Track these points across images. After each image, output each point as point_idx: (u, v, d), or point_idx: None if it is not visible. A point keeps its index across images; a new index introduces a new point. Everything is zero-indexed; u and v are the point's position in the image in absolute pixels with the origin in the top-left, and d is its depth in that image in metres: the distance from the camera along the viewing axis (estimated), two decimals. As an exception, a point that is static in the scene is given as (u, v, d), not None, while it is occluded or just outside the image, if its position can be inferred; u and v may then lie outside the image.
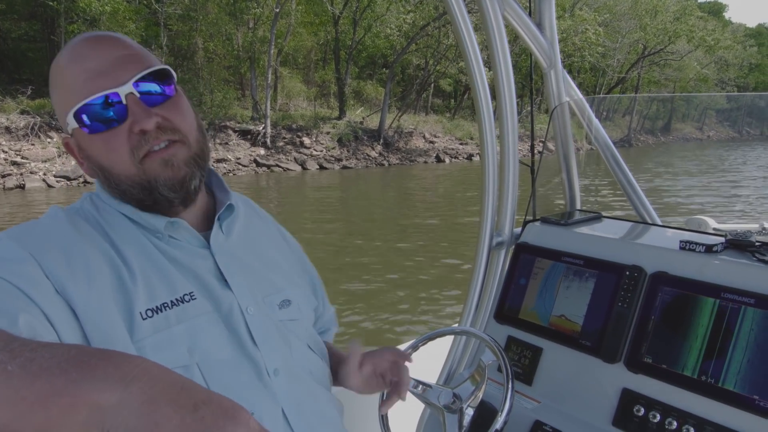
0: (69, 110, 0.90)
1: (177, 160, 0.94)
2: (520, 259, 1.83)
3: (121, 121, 0.90)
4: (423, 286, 7.89)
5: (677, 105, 48.42)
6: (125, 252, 0.92)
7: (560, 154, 2.12)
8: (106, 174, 0.94)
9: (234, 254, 1.04)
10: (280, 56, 25.88)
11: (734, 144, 27.53)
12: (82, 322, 0.81)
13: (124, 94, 0.89)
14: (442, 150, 28.10)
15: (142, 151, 0.91)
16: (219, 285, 0.98)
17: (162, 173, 0.93)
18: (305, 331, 1.14)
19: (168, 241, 0.98)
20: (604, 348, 1.52)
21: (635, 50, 41.87)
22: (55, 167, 17.63)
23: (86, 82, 0.89)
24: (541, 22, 1.90)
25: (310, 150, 23.94)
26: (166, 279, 0.93)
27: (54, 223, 0.92)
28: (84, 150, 0.95)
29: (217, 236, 1.03)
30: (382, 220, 13.41)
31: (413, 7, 26.99)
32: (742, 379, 1.28)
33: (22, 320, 0.73)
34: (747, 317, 1.32)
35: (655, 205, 2.02)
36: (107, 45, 0.93)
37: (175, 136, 0.94)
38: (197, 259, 0.98)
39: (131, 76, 0.90)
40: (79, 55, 0.91)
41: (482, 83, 1.74)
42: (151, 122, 0.90)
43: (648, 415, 1.39)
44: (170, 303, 0.91)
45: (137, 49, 0.96)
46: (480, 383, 1.36)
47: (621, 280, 1.55)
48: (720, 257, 1.46)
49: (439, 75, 31.49)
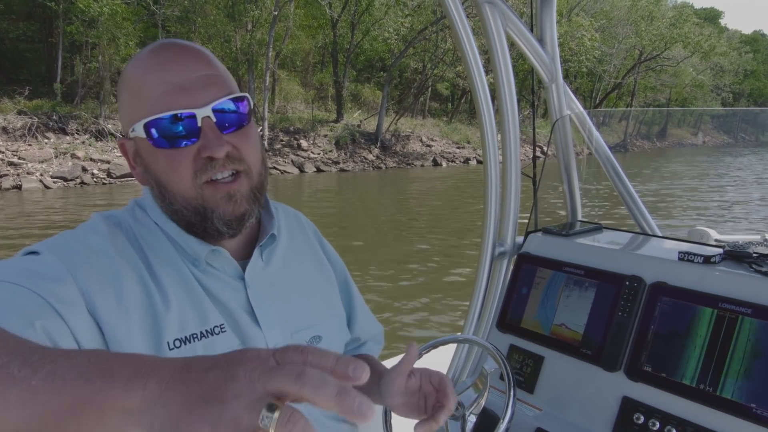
0: (139, 119, 0.88)
1: (240, 195, 0.92)
2: (522, 269, 1.85)
3: (190, 142, 0.88)
4: (427, 293, 7.90)
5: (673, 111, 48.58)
6: (161, 275, 0.91)
7: (561, 166, 2.14)
8: (162, 189, 0.92)
9: (269, 285, 1.02)
10: (278, 59, 25.89)
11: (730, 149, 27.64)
12: (108, 341, 0.82)
13: (201, 117, 0.87)
14: (439, 153, 28.13)
15: (206, 176, 0.89)
16: (249, 319, 0.96)
17: (222, 206, 0.91)
18: None
19: (204, 269, 0.95)
20: (605, 356, 1.54)
21: (631, 56, 42.04)
22: (52, 168, 17.57)
23: (165, 95, 0.87)
24: (542, 37, 1.93)
25: (308, 153, 23.94)
26: (200, 309, 0.91)
27: (94, 238, 0.90)
28: (143, 159, 0.93)
29: (255, 266, 1.01)
30: (380, 224, 13.41)
31: (411, 11, 27.03)
32: (740, 388, 1.30)
33: (46, 331, 0.74)
34: (744, 327, 1.34)
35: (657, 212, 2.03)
36: (192, 60, 0.91)
37: (240, 167, 0.92)
38: (229, 291, 0.96)
39: (212, 99, 0.89)
40: (161, 64, 0.89)
41: (485, 96, 1.76)
42: (222, 151, 0.88)
43: (647, 423, 1.41)
44: (200, 334, 0.89)
45: (221, 70, 0.94)
46: (482, 391, 1.37)
47: (621, 290, 1.57)
48: (718, 268, 1.48)
49: (437, 79, 31.58)
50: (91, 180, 17.76)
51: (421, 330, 6.49)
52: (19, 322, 0.72)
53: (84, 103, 20.37)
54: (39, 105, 19.28)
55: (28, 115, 18.54)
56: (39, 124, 18.56)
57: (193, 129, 0.88)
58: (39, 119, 18.67)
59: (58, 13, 19.85)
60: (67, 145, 18.54)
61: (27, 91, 19.56)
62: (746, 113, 10.89)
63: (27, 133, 18.11)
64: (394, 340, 6.07)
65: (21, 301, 0.76)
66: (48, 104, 19.55)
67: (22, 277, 0.79)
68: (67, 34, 20.05)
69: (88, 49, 21.42)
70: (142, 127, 0.88)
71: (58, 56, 20.60)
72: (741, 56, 57.05)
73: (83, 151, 18.47)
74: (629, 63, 42.27)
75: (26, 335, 0.69)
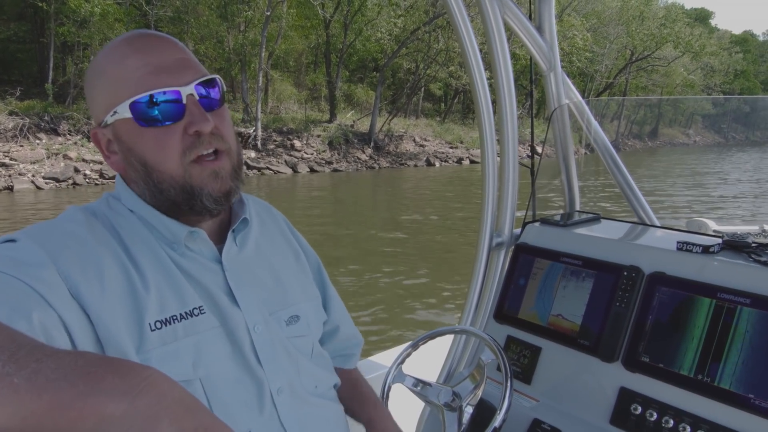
0: (122, 101, 0.89)
1: (225, 172, 0.95)
2: (520, 260, 1.84)
3: (176, 120, 0.90)
4: (420, 285, 7.91)
5: (664, 110, 48.85)
6: (139, 259, 0.91)
7: (560, 155, 2.13)
8: (148, 170, 0.93)
9: (245, 268, 1.04)
10: (271, 59, 25.82)
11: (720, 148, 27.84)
12: (95, 325, 0.82)
13: (186, 94, 0.90)
14: (432, 153, 28.14)
15: (193, 153, 0.92)
16: (228, 301, 0.97)
17: (209, 184, 0.93)
18: (312, 348, 1.13)
19: (182, 252, 0.97)
20: (602, 347, 1.54)
21: (623, 56, 42.25)
22: (44, 169, 17.45)
23: (147, 75, 0.89)
24: (540, 25, 1.91)
25: (301, 153, 23.90)
26: (178, 291, 0.92)
27: (71, 226, 0.91)
28: (126, 143, 0.93)
29: (230, 250, 1.03)
30: (375, 220, 13.42)
31: (404, 12, 27.04)
32: (738, 378, 1.30)
33: (36, 319, 0.73)
34: (743, 317, 1.34)
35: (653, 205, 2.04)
36: (169, 44, 0.94)
37: (222, 146, 0.95)
38: (208, 273, 0.98)
39: (193, 78, 0.92)
40: (137, 48, 0.91)
41: (482, 84, 1.75)
42: (209, 126, 0.91)
43: (645, 414, 1.41)
44: (179, 316, 0.90)
45: (192, 54, 0.98)
46: (479, 382, 1.37)
47: (619, 281, 1.57)
48: (717, 258, 1.47)
49: (430, 79, 31.58)
50: (84, 181, 17.64)
51: (419, 320, 6.51)
52: (4, 311, 0.72)
53: (76, 103, 20.23)
54: (30, 106, 19.13)
55: (20, 116, 18.38)
56: (30, 125, 18.41)
57: (179, 107, 0.90)
58: (30, 120, 18.51)
59: (50, 14, 19.72)
60: (59, 146, 18.42)
61: (18, 91, 19.40)
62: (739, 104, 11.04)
63: (18, 134, 17.97)
64: (388, 333, 6.09)
65: (5, 290, 0.75)
66: (40, 105, 19.40)
67: (3, 264, 0.79)
68: (59, 35, 19.92)
69: (80, 49, 21.29)
70: (127, 107, 0.89)
71: (50, 57, 20.45)
72: (731, 56, 57.40)
73: (75, 152, 18.34)
74: (621, 63, 42.48)
75: (15, 326, 0.67)
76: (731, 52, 58.22)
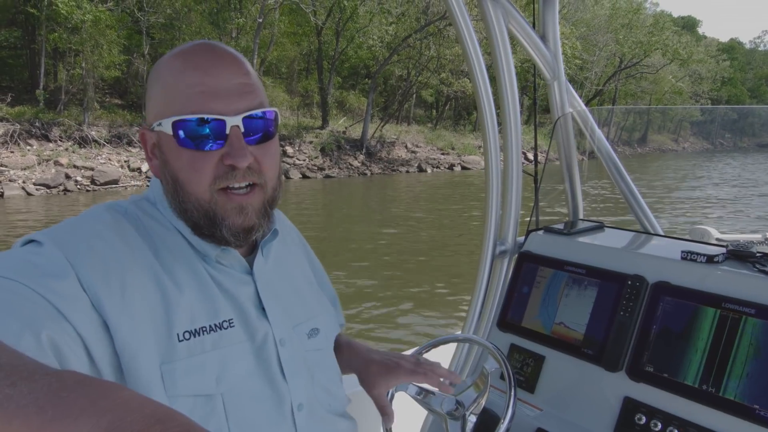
0: (169, 115, 0.89)
1: (252, 209, 0.93)
2: (523, 268, 1.83)
3: (215, 147, 0.89)
4: (426, 292, 7.90)
5: (653, 117, 49.19)
6: (173, 267, 0.90)
7: (563, 164, 2.12)
8: (177, 187, 0.92)
9: (272, 280, 1.03)
10: (263, 66, 25.77)
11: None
12: (114, 337, 0.80)
13: (231, 125, 0.88)
14: (424, 160, 28.16)
15: (224, 183, 0.90)
16: (256, 314, 0.97)
17: (232, 217, 0.91)
18: (329, 361, 1.13)
19: (215, 265, 0.96)
20: (606, 356, 1.53)
21: (612, 63, 42.54)
22: (35, 175, 17.27)
23: (199, 95, 0.87)
24: (544, 33, 1.91)
25: (293, 159, 23.85)
26: (211, 302, 0.91)
27: (97, 227, 0.88)
28: (164, 154, 0.93)
29: (259, 262, 1.02)
30: (373, 225, 13.40)
31: (395, 19, 27.12)
32: (743, 389, 1.29)
33: (45, 336, 0.72)
34: (748, 327, 1.33)
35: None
36: (230, 65, 0.91)
37: (258, 180, 0.93)
38: (240, 286, 0.97)
39: (244, 108, 0.89)
40: (200, 64, 0.89)
41: (486, 93, 1.75)
42: (245, 161, 0.89)
43: (649, 424, 1.40)
44: (209, 327, 0.89)
45: (255, 80, 0.94)
46: (483, 390, 1.36)
47: (623, 290, 1.56)
48: (721, 268, 1.47)
49: (421, 86, 31.65)
50: (75, 187, 17.49)
51: (420, 328, 6.49)
52: (16, 326, 0.71)
53: (67, 109, 20.09)
54: (21, 112, 18.97)
55: (10, 122, 18.21)
56: (21, 131, 18.24)
57: (221, 135, 0.88)
58: (21, 126, 18.34)
59: (41, 20, 19.59)
60: (50, 152, 18.25)
61: (9, 98, 19.24)
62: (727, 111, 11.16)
63: (9, 140, 17.78)
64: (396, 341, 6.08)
65: (19, 302, 0.74)
66: (31, 111, 19.23)
67: (22, 272, 0.77)
68: (50, 41, 19.79)
69: (71, 55, 21.16)
70: (170, 125, 0.88)
71: (41, 63, 20.31)
72: (718, 64, 57.96)
73: (66, 158, 18.19)
74: (610, 70, 42.76)
75: (22, 341, 0.69)
76: (718, 60, 58.79)
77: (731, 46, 76.84)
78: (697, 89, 53.47)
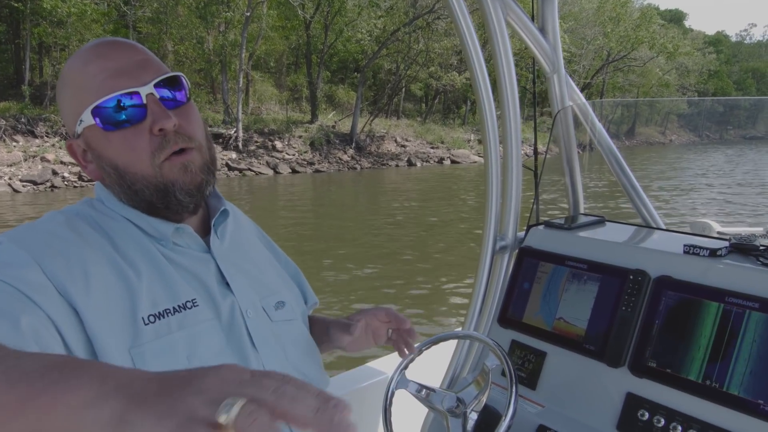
0: (85, 108, 0.91)
1: (194, 166, 0.96)
2: (524, 264, 1.82)
3: (140, 121, 0.91)
4: (424, 290, 7.92)
5: (641, 109, 49.54)
6: (131, 255, 0.92)
7: (563, 158, 2.10)
8: (120, 173, 0.94)
9: (231, 257, 1.06)
10: (251, 60, 25.64)
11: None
12: (84, 324, 0.82)
13: (145, 94, 0.91)
14: (413, 154, 28.18)
15: (163, 154, 0.93)
16: (220, 289, 0.99)
17: (180, 178, 0.94)
18: (299, 332, 1.15)
19: (172, 247, 0.98)
20: (608, 352, 1.52)
21: (600, 56, 42.76)
22: (21, 171, 17.10)
23: (106, 80, 0.90)
24: (543, 26, 1.88)
25: (282, 154, 23.76)
26: (169, 285, 0.93)
27: (52, 226, 0.91)
28: (95, 149, 0.95)
29: (215, 241, 1.05)
30: (367, 221, 13.39)
31: (384, 13, 27.04)
32: (747, 384, 1.28)
33: (25, 323, 0.74)
34: (751, 321, 1.32)
35: None
36: (126, 48, 0.95)
37: (189, 144, 0.95)
38: (200, 265, 0.99)
39: (151, 78, 0.92)
40: (98, 54, 0.93)
41: (485, 86, 1.72)
42: (170, 122, 0.91)
43: (652, 420, 1.39)
44: (172, 309, 0.91)
45: (153, 55, 0.98)
46: (484, 387, 1.35)
47: (625, 284, 1.55)
48: (724, 261, 1.45)
49: (410, 80, 31.63)
50: (62, 183, 17.33)
51: (421, 326, 6.50)
52: None
53: (53, 105, 19.84)
54: (6, 107, 18.75)
55: (-5, 119, 18.04)
56: (7, 127, 18.04)
57: (140, 108, 0.91)
58: (6, 122, 18.14)
59: (25, 14, 19.34)
60: (36, 148, 18.07)
61: (-7, 94, 19.07)
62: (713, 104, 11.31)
63: (-6, 136, 17.63)
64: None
65: None
66: (16, 107, 19.02)
67: None
68: (35, 36, 19.54)
69: (57, 50, 20.92)
70: (90, 114, 0.91)
71: (26, 58, 20.07)
72: (705, 56, 58.36)
73: (53, 154, 18.01)
74: (598, 63, 42.98)
75: (2, 329, 0.71)
76: (705, 53, 59.19)
77: (718, 39, 77.45)
78: (684, 82, 53.88)
